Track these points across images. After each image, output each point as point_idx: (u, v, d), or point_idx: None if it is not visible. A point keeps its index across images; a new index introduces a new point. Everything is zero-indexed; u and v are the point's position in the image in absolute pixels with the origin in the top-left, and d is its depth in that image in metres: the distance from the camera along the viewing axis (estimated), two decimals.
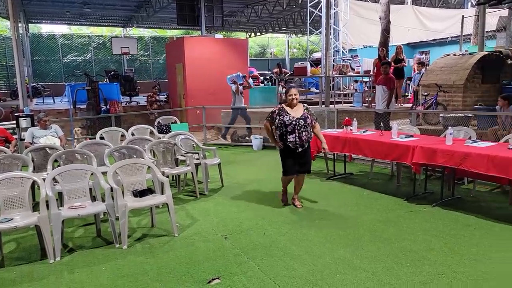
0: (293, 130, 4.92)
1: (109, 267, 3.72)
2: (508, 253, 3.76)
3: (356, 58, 18.08)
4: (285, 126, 4.93)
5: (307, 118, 4.98)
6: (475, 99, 8.84)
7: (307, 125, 4.99)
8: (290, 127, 4.91)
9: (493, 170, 4.47)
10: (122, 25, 27.96)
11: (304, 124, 4.95)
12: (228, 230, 4.54)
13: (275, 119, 5.01)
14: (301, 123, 4.93)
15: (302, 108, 5.07)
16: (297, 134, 4.91)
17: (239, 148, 9.94)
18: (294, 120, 4.92)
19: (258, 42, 38.53)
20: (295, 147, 4.94)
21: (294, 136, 4.92)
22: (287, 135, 4.94)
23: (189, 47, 12.65)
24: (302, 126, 4.94)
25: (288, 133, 4.93)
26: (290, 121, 4.92)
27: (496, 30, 11.52)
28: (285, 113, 4.97)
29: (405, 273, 3.43)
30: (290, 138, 4.92)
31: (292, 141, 4.92)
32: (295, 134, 4.92)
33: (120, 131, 7.60)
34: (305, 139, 4.98)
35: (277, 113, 5.01)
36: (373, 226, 4.51)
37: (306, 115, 5.00)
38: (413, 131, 6.35)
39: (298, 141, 4.93)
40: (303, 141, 4.96)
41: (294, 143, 4.93)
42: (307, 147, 5.08)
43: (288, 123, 4.91)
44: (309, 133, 5.04)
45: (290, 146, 4.95)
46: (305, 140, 4.99)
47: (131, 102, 15.81)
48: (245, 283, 3.35)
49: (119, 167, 4.56)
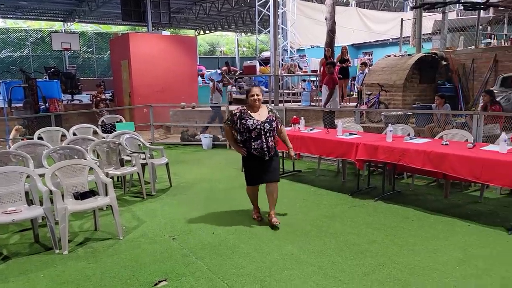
0: (259, 135, 4.32)
1: (47, 274, 3.52)
2: (441, 241, 4.02)
3: (304, 57, 18.46)
4: (249, 132, 4.31)
5: (272, 122, 4.41)
6: (413, 98, 9.36)
7: (273, 129, 4.42)
8: (255, 132, 4.30)
9: (429, 165, 4.75)
10: (62, 19, 26.51)
11: (270, 129, 4.37)
12: (176, 230, 4.46)
13: (236, 123, 4.38)
14: (266, 127, 4.34)
15: (266, 110, 4.50)
16: (264, 140, 4.33)
17: (189, 147, 9.82)
18: (259, 124, 4.32)
19: (208, 40, 38.18)
20: (262, 154, 4.34)
21: (260, 142, 4.32)
22: (251, 142, 4.32)
23: (134, 43, 12.29)
24: (268, 131, 4.35)
25: (253, 139, 4.32)
26: (254, 126, 4.30)
27: (432, 33, 12.25)
28: (248, 116, 4.36)
29: (349, 265, 3.55)
30: (255, 145, 4.31)
31: (257, 148, 4.31)
32: (261, 140, 4.32)
33: (60, 131, 7.24)
34: (272, 145, 4.40)
35: (238, 116, 4.38)
36: (320, 222, 4.63)
37: (271, 118, 4.43)
38: (357, 129, 6.60)
39: (265, 148, 4.33)
40: (270, 147, 4.37)
41: (260, 150, 4.32)
42: (274, 153, 4.50)
43: (253, 128, 4.30)
44: (274, 137, 4.48)
45: (255, 154, 4.35)
46: (272, 147, 4.41)
47: (73, 101, 15.09)
48: (193, 284, 3.31)
49: (58, 169, 4.33)
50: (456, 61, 9.72)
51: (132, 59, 12.21)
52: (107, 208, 4.84)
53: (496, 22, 14.12)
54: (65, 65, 23.45)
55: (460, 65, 9.66)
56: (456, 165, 4.51)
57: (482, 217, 4.64)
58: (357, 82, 12.86)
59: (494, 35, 13.26)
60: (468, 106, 9.26)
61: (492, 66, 9.06)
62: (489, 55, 9.21)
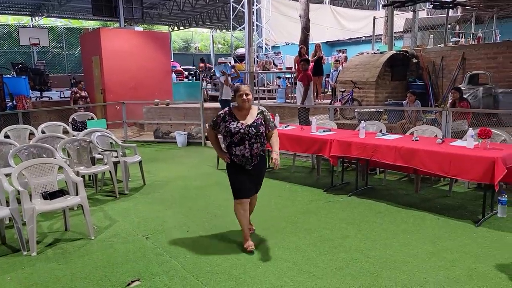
0: (241, 141, 3.71)
1: (15, 277, 3.40)
2: (412, 234, 4.12)
3: (278, 54, 18.53)
4: (231, 136, 3.73)
5: (260, 126, 3.77)
6: (385, 95, 9.54)
7: (260, 135, 3.77)
8: (237, 137, 3.71)
9: (400, 160, 4.86)
10: (30, 13, 25.66)
11: (256, 134, 3.73)
12: (150, 229, 4.40)
13: (219, 126, 3.84)
14: (252, 132, 3.71)
15: (256, 111, 3.86)
16: (247, 146, 3.72)
17: (163, 145, 9.69)
18: (242, 128, 3.71)
19: (182, 36, 37.80)
20: (242, 163, 3.76)
21: (242, 148, 3.72)
22: (233, 147, 3.75)
23: (106, 39, 12.01)
24: (253, 136, 3.73)
25: (234, 144, 3.74)
26: (237, 130, 3.70)
27: (403, 31, 12.51)
28: (231, 118, 3.77)
29: (322, 260, 3.59)
30: (236, 151, 3.73)
31: (238, 154, 3.73)
32: (244, 146, 3.71)
33: (28, 129, 7.02)
34: (257, 152, 3.78)
35: (222, 118, 3.81)
36: (295, 218, 4.66)
37: (259, 121, 3.79)
38: (331, 126, 6.67)
39: (248, 155, 3.73)
40: (254, 155, 3.76)
41: (241, 157, 3.73)
42: (259, 162, 3.86)
43: (235, 132, 3.70)
44: (263, 144, 3.84)
45: (235, 161, 3.80)
46: (256, 154, 3.78)
47: (42, 98, 14.63)
48: (167, 283, 3.26)
49: (26, 168, 4.18)
50: (426, 59, 9.97)
51: (103, 55, 11.94)
52: (78, 208, 4.72)
53: (464, 21, 14.57)
54: (34, 61, 22.74)
55: (430, 62, 9.90)
56: (426, 160, 4.63)
57: (451, 211, 4.78)
58: (331, 79, 13.00)
59: (462, 34, 13.67)
60: (437, 103, 9.51)
61: (460, 64, 9.34)
62: (457, 53, 9.48)
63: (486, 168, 4.17)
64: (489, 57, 8.99)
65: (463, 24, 14.75)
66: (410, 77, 9.99)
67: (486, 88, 8.18)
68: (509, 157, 4.28)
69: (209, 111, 10.29)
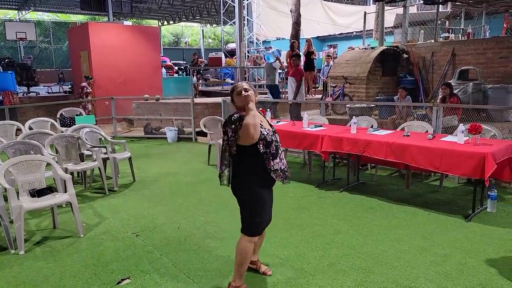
0: (277, 151, 2.90)
1: (2, 276, 3.33)
2: (403, 230, 4.13)
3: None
4: (267, 146, 2.84)
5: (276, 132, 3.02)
6: (376, 91, 9.56)
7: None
8: (273, 146, 2.87)
9: (391, 156, 4.86)
10: (16, 7, 25.20)
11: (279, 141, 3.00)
12: (140, 227, 4.34)
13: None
14: (278, 138, 2.98)
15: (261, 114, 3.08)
16: (282, 156, 2.96)
17: (153, 141, 9.60)
18: (272, 134, 2.91)
19: (172, 31, 37.43)
20: (283, 179, 2.95)
21: (278, 161, 2.90)
22: (271, 160, 2.86)
23: (94, 33, 11.83)
24: (280, 144, 2.98)
25: (272, 156, 2.86)
26: (270, 137, 2.87)
27: (394, 27, 12.53)
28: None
29: (314, 257, 3.58)
30: (275, 164, 2.87)
31: (277, 169, 2.88)
32: (279, 156, 2.91)
33: (15, 125, 6.90)
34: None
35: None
36: (287, 214, 4.64)
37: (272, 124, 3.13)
38: (322, 121, 6.65)
39: (285, 169, 2.95)
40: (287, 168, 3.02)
41: (281, 172, 2.91)
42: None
43: (270, 140, 2.85)
44: None
45: (273, 178, 2.92)
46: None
47: (30, 93, 14.39)
48: (158, 281, 3.23)
49: (13, 165, 4.10)
50: (417, 54, 10.00)
51: (92, 50, 11.77)
52: (66, 205, 4.65)
53: (454, 16, 14.63)
54: (20, 56, 22.35)
55: (420, 58, 9.94)
56: (416, 155, 4.64)
57: (441, 206, 4.81)
58: (322, 74, 13.00)
59: (452, 29, 13.74)
60: (428, 98, 9.56)
61: (450, 59, 9.38)
62: (447, 48, 9.53)
63: (476, 163, 4.18)
64: (479, 53, 9.06)
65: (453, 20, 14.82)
66: (401, 73, 10.02)
67: (476, 83, 8.24)
68: (499, 152, 4.31)
69: (199, 107, 10.22)
